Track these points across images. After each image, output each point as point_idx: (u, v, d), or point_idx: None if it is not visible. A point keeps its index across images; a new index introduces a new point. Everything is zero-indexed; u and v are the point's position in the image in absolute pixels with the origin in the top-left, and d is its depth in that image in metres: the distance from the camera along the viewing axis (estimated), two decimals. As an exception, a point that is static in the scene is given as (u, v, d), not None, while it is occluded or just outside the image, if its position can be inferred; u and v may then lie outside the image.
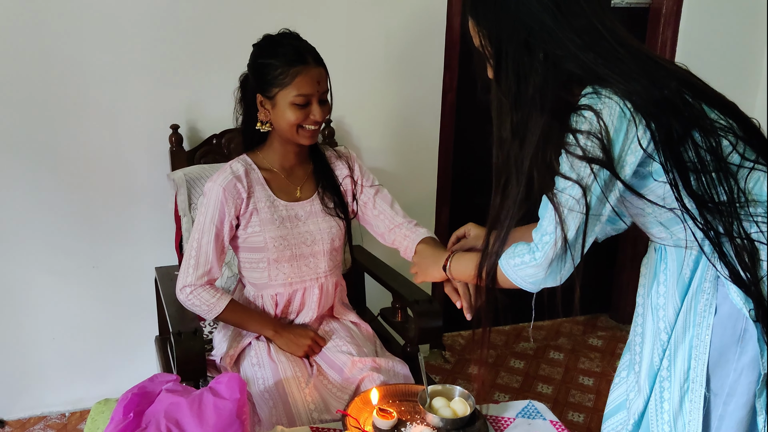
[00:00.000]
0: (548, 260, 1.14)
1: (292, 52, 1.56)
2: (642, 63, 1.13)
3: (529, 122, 1.15)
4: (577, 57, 1.12)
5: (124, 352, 2.41)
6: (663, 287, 1.25)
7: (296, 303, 1.73)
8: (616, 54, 1.13)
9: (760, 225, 1.13)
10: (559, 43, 1.13)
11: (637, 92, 1.09)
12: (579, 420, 2.48)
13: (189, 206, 1.99)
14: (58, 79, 2.10)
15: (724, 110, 1.17)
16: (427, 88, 2.53)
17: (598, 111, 1.10)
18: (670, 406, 1.23)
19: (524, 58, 1.15)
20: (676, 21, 2.76)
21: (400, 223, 1.74)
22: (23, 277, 2.24)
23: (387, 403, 1.47)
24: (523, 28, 1.14)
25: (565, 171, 1.13)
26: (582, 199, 1.11)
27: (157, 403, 1.30)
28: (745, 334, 1.16)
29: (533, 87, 1.14)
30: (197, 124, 2.26)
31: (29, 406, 2.39)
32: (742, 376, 1.17)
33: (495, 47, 1.18)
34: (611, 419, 1.40)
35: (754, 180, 1.15)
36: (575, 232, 1.13)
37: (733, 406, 1.18)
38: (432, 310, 1.78)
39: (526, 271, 1.17)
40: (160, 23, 2.15)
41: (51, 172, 2.17)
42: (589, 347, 2.99)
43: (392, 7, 2.37)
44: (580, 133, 1.11)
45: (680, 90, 1.14)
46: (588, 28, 1.14)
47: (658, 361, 1.26)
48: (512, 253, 1.20)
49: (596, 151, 1.10)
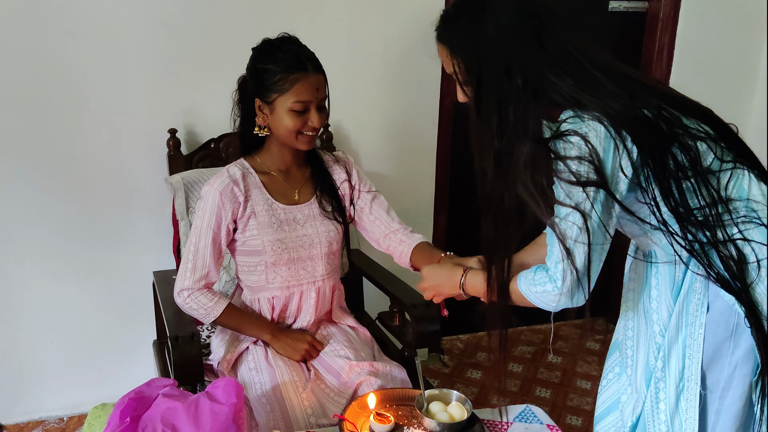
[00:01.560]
0: (569, 289, 1.15)
1: (292, 58, 1.56)
2: (620, 83, 1.14)
3: (513, 150, 1.15)
4: (556, 84, 1.13)
5: (122, 357, 2.41)
6: (656, 291, 1.26)
7: (293, 306, 1.73)
8: (594, 78, 1.14)
9: (740, 225, 1.15)
10: (537, 70, 1.14)
11: (616, 112, 1.10)
12: (577, 423, 2.48)
13: (187, 210, 1.99)
14: (56, 83, 2.10)
15: (701, 118, 1.19)
16: (425, 93, 2.54)
17: (584, 135, 1.10)
18: (666, 406, 1.24)
19: (504, 86, 1.15)
20: (674, 25, 2.77)
21: (396, 229, 1.75)
22: (21, 281, 2.24)
23: (384, 408, 1.47)
24: (502, 55, 1.15)
25: (561, 198, 1.14)
26: (584, 225, 1.12)
27: (154, 408, 1.30)
28: (738, 328, 1.17)
29: (514, 115, 1.14)
30: (195, 128, 2.26)
31: (27, 411, 2.38)
32: (737, 369, 1.18)
33: (474, 76, 1.18)
34: (603, 421, 1.41)
35: (735, 178, 1.17)
36: (584, 261, 1.14)
37: (729, 400, 1.19)
38: (430, 314, 1.78)
39: (549, 298, 1.18)
40: (159, 27, 2.15)
41: (49, 176, 2.17)
42: (587, 351, 2.99)
43: (391, 13, 2.38)
44: (570, 159, 1.11)
45: (659, 105, 1.15)
46: (564, 54, 1.15)
47: (654, 362, 1.27)
48: (533, 280, 1.20)
49: (590, 175, 1.10)
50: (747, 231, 1.15)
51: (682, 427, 1.22)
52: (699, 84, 2.83)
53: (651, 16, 2.82)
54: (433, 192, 2.67)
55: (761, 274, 1.14)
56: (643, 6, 2.82)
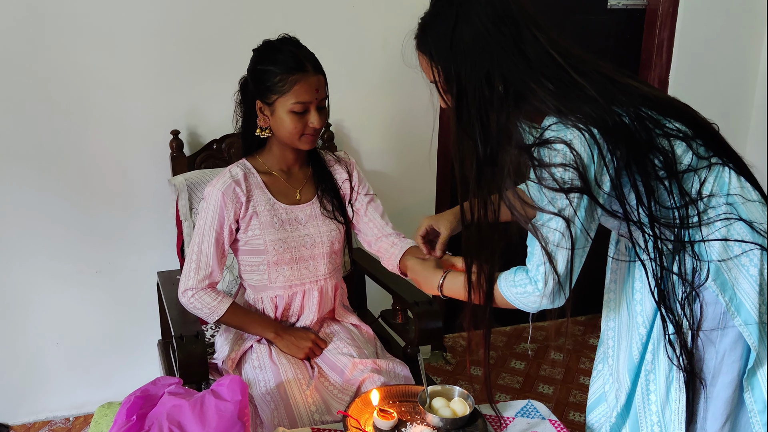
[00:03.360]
0: (549, 290, 1.16)
1: (291, 59, 1.57)
2: (600, 87, 1.14)
3: (496, 158, 1.15)
4: (536, 90, 1.13)
5: (127, 356, 2.42)
6: (639, 283, 1.28)
7: (296, 306, 1.75)
8: (573, 83, 1.14)
9: (719, 223, 1.16)
10: (517, 77, 1.14)
11: (596, 118, 1.11)
12: (580, 420, 2.49)
13: (190, 211, 2.00)
14: (60, 85, 2.11)
15: (679, 117, 1.20)
16: (425, 91, 2.52)
17: (569, 141, 1.11)
18: (657, 397, 1.26)
19: (485, 93, 1.14)
20: (673, 22, 2.78)
21: (389, 234, 1.77)
22: (27, 282, 2.26)
23: (387, 404, 1.48)
24: (481, 62, 1.14)
25: (544, 205, 1.14)
26: (567, 231, 1.13)
27: (160, 406, 1.32)
28: (725, 316, 1.18)
29: (497, 123, 1.15)
30: (198, 130, 2.28)
31: (33, 411, 2.40)
32: (726, 356, 1.19)
33: (455, 84, 1.17)
34: (593, 412, 1.44)
35: (715, 174, 1.19)
36: (565, 266, 1.15)
37: (719, 387, 1.21)
38: (432, 312, 1.79)
39: (529, 299, 1.19)
40: (161, 29, 2.16)
41: (53, 178, 2.19)
42: (590, 347, 3.00)
43: (391, 11, 2.39)
44: (554, 166, 1.12)
45: (638, 108, 1.15)
46: (543, 58, 1.14)
47: (638, 354, 1.29)
48: (513, 282, 1.21)
49: (575, 182, 1.11)
50: (727, 227, 1.16)
51: (673, 416, 1.23)
52: (698, 80, 2.84)
53: (650, 12, 2.83)
54: (434, 190, 2.68)
55: (745, 268, 1.16)
56: (642, 3, 2.83)
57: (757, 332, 1.16)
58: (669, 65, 2.83)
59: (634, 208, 1.16)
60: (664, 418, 1.25)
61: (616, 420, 1.34)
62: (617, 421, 1.35)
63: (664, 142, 1.16)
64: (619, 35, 2.88)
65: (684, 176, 1.17)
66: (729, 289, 1.17)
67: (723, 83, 2.90)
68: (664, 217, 1.16)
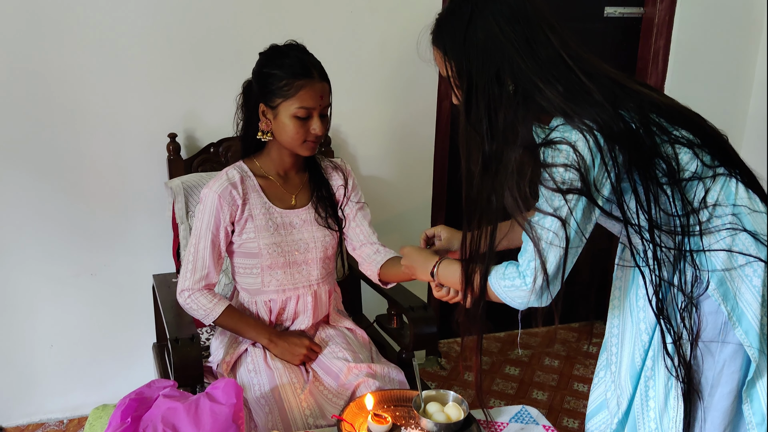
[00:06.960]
0: (538, 286, 1.16)
1: (299, 64, 1.58)
2: (609, 92, 1.15)
3: (502, 155, 1.16)
4: (544, 91, 1.14)
5: (122, 359, 2.42)
6: (642, 290, 1.28)
7: (290, 310, 1.75)
8: (582, 86, 1.15)
9: (724, 232, 1.16)
10: (527, 77, 1.15)
11: (603, 123, 1.12)
12: (574, 426, 2.49)
13: (186, 214, 2.01)
14: (57, 87, 2.12)
15: (687, 125, 1.20)
16: (422, 97, 2.56)
17: (574, 143, 1.12)
18: (655, 404, 1.26)
19: (494, 91, 1.16)
20: (669, 30, 2.79)
21: (374, 242, 1.78)
22: (22, 284, 2.26)
23: (382, 409, 1.48)
24: (493, 60, 1.16)
25: (541, 204, 1.15)
26: (561, 230, 1.13)
27: (155, 408, 1.32)
28: (726, 327, 1.18)
29: (504, 120, 1.16)
30: (195, 133, 2.28)
31: (28, 413, 2.40)
32: (725, 367, 1.19)
33: (465, 80, 1.19)
34: (594, 419, 1.43)
35: (721, 183, 1.19)
36: (556, 264, 1.15)
37: (718, 397, 1.21)
38: (427, 317, 1.80)
39: (517, 293, 1.19)
40: (159, 33, 2.17)
41: (49, 180, 2.19)
42: (584, 354, 3.01)
43: (388, 16, 2.40)
44: (556, 167, 1.13)
45: (645, 115, 1.16)
46: (554, 60, 1.16)
47: (640, 361, 1.29)
48: (503, 275, 1.21)
49: (575, 183, 1.12)
50: (732, 237, 1.16)
51: (671, 424, 1.23)
52: (694, 88, 2.86)
53: (646, 21, 2.85)
54: (431, 194, 2.69)
55: (748, 278, 1.16)
56: (638, 11, 2.85)
57: (758, 343, 1.16)
58: (665, 73, 2.84)
59: (634, 214, 1.17)
60: (662, 426, 1.25)
61: (616, 427, 1.34)
62: (617, 428, 1.35)
63: (669, 150, 1.17)
64: (616, 43, 2.89)
65: (688, 184, 1.18)
66: (731, 299, 1.17)
67: (718, 91, 2.92)
68: (665, 224, 1.17)
